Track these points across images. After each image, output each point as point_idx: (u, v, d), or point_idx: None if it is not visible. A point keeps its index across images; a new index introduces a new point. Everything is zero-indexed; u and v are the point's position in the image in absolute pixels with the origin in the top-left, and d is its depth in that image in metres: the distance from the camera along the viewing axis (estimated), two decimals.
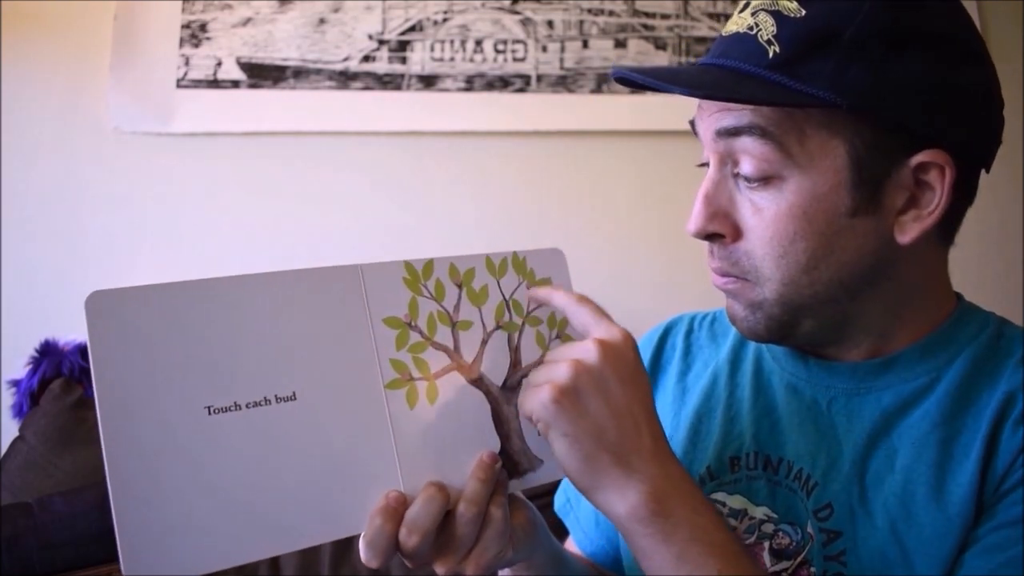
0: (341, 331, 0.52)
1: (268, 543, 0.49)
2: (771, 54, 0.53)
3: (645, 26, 1.73)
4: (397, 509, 0.50)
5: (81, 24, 1.70)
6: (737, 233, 0.57)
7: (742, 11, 0.57)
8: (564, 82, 1.72)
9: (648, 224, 1.72)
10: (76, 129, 1.69)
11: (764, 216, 0.55)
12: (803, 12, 0.53)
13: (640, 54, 1.73)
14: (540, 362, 0.57)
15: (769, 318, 0.58)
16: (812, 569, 0.57)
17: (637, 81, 0.57)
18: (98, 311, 0.46)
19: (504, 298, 0.57)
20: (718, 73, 0.55)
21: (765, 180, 0.55)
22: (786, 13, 0.54)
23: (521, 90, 1.71)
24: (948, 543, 0.52)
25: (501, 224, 1.72)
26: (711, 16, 1.74)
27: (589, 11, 1.74)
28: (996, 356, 0.57)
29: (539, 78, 1.72)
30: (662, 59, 1.72)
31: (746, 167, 0.55)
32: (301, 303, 0.51)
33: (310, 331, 0.51)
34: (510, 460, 0.55)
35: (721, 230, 0.57)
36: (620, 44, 1.73)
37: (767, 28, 0.54)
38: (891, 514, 0.54)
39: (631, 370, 0.52)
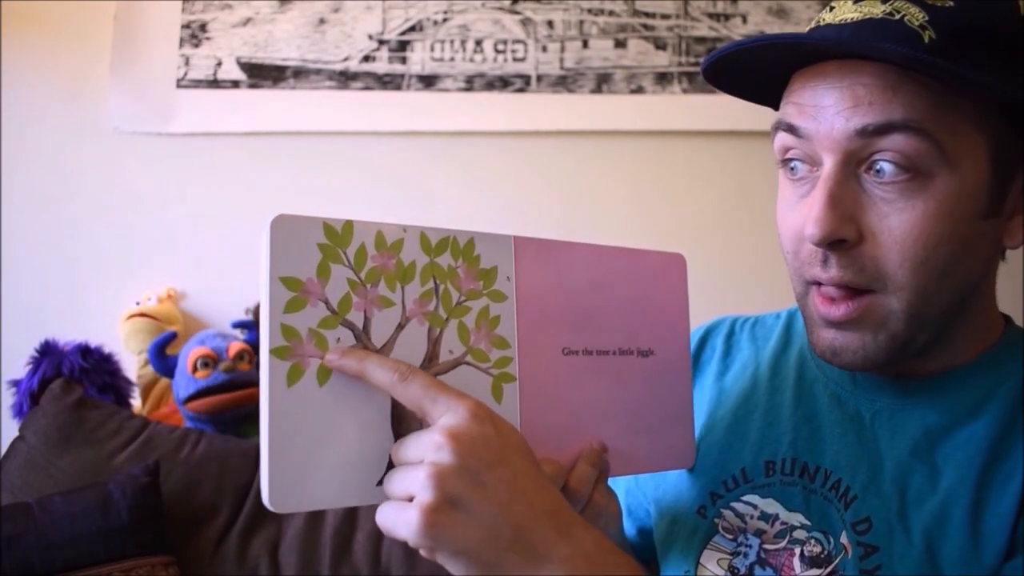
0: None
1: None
2: (927, 39, 0.49)
3: (645, 26, 1.73)
4: None
5: (81, 24, 1.70)
6: (860, 237, 0.52)
7: (858, 0, 0.52)
8: (564, 82, 1.72)
9: (648, 224, 1.72)
10: (76, 129, 1.69)
11: (906, 217, 0.51)
12: (951, 3, 0.50)
13: (640, 54, 1.73)
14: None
15: (892, 337, 0.54)
16: None
17: (765, 43, 0.51)
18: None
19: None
20: (871, 46, 0.50)
21: (910, 179, 0.50)
22: (932, 3, 0.51)
23: (521, 90, 1.71)
24: (977, 570, 0.52)
25: (501, 224, 1.72)
26: (711, 16, 1.74)
27: (589, 11, 1.74)
28: None
29: (539, 78, 1.72)
30: (662, 59, 1.72)
31: (889, 164, 0.50)
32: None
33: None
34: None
35: (848, 234, 0.52)
36: (620, 44, 1.73)
37: (914, 15, 0.50)
38: (929, 534, 0.54)
39: (496, 446, 0.46)
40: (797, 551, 0.59)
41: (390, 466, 0.48)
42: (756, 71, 0.57)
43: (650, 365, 0.61)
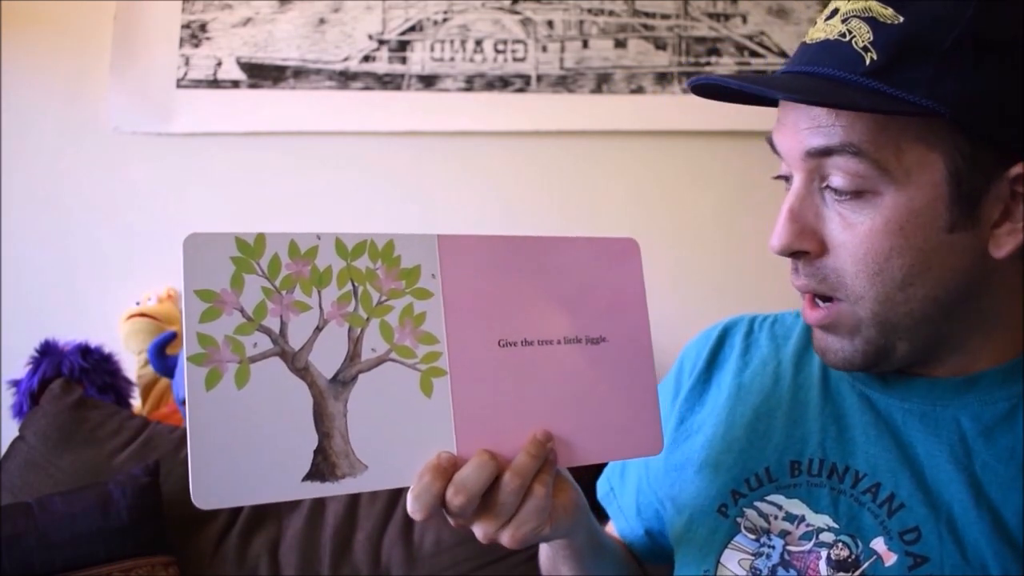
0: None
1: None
2: (867, 61, 0.51)
3: (645, 26, 1.73)
4: (447, 469, 0.52)
5: (81, 24, 1.70)
6: (823, 249, 0.56)
7: (829, 18, 0.55)
8: (564, 82, 1.72)
9: (648, 224, 1.72)
10: (76, 129, 1.69)
11: (857, 232, 0.53)
12: (900, 19, 0.51)
13: (640, 54, 1.73)
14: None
15: (866, 343, 0.56)
16: None
17: (730, 87, 0.54)
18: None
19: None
20: (811, 81, 0.53)
21: (856, 196, 0.53)
22: (882, 20, 0.51)
23: (521, 90, 1.71)
24: None
25: (501, 224, 1.72)
26: (711, 16, 1.74)
27: (589, 11, 1.74)
28: None
29: (539, 78, 1.72)
30: (662, 59, 1.72)
31: (838, 182, 0.53)
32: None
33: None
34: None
35: (808, 247, 0.56)
36: (620, 44, 1.73)
37: (862, 35, 0.52)
38: (981, 553, 0.54)
39: None
40: (823, 554, 0.59)
41: (314, 462, 0.51)
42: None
43: (603, 353, 0.60)
